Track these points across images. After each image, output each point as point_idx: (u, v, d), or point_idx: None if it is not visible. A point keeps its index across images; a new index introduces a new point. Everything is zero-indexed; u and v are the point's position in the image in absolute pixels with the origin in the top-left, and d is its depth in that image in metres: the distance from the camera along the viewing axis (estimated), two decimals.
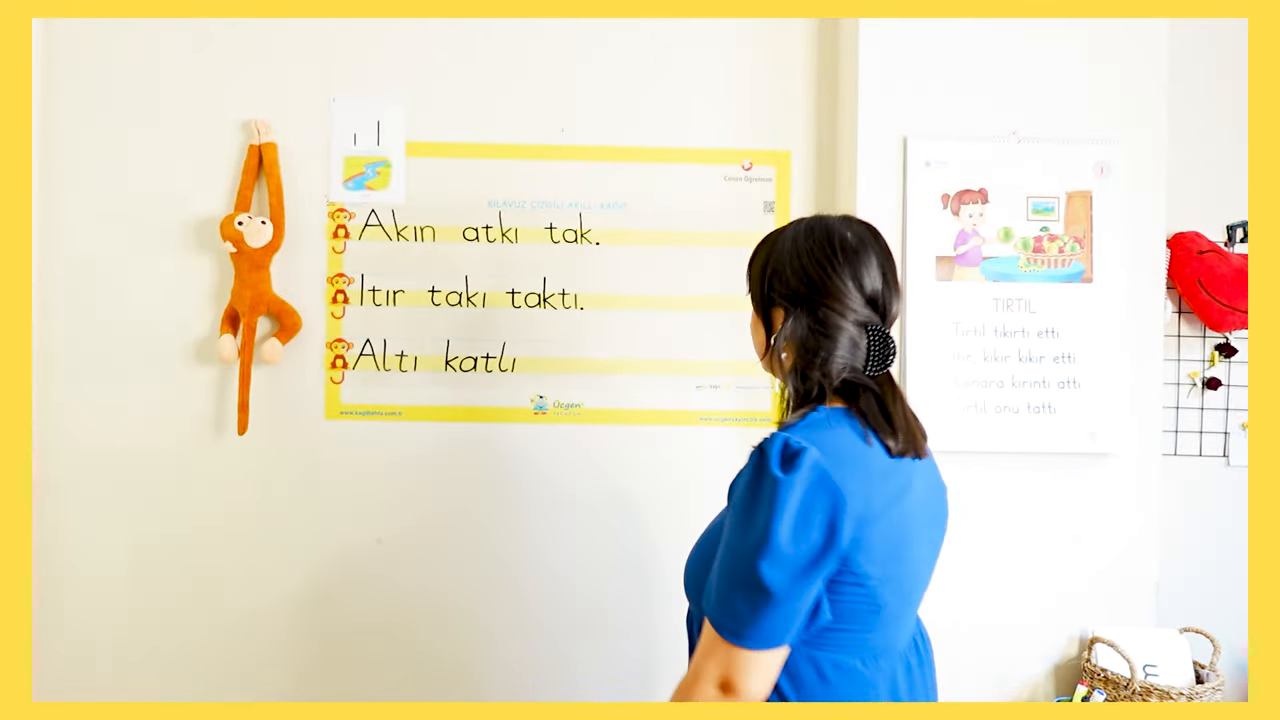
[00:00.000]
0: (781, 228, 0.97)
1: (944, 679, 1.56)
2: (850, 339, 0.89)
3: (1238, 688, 1.72)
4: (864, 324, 0.89)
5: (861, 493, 0.82)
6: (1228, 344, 1.76)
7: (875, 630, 0.87)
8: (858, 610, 0.85)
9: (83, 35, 1.66)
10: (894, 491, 0.86)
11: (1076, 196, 1.57)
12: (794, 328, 0.90)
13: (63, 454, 1.66)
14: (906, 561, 0.89)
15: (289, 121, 1.67)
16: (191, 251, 1.67)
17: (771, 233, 0.98)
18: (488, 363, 1.70)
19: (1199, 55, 1.71)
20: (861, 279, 0.90)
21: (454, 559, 1.69)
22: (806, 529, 0.80)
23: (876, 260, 0.92)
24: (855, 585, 0.83)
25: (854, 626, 0.85)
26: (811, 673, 0.85)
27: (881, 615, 0.86)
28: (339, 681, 1.68)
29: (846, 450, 0.84)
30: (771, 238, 0.97)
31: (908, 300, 1.56)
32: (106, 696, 1.66)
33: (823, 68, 1.72)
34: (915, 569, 0.91)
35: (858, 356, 0.89)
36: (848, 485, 0.81)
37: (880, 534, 0.84)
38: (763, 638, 0.81)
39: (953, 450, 1.56)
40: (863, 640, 0.86)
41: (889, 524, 0.85)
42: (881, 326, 0.91)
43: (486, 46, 1.69)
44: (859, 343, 0.89)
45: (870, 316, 0.90)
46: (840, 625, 0.85)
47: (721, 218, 1.70)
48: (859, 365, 0.89)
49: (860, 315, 0.89)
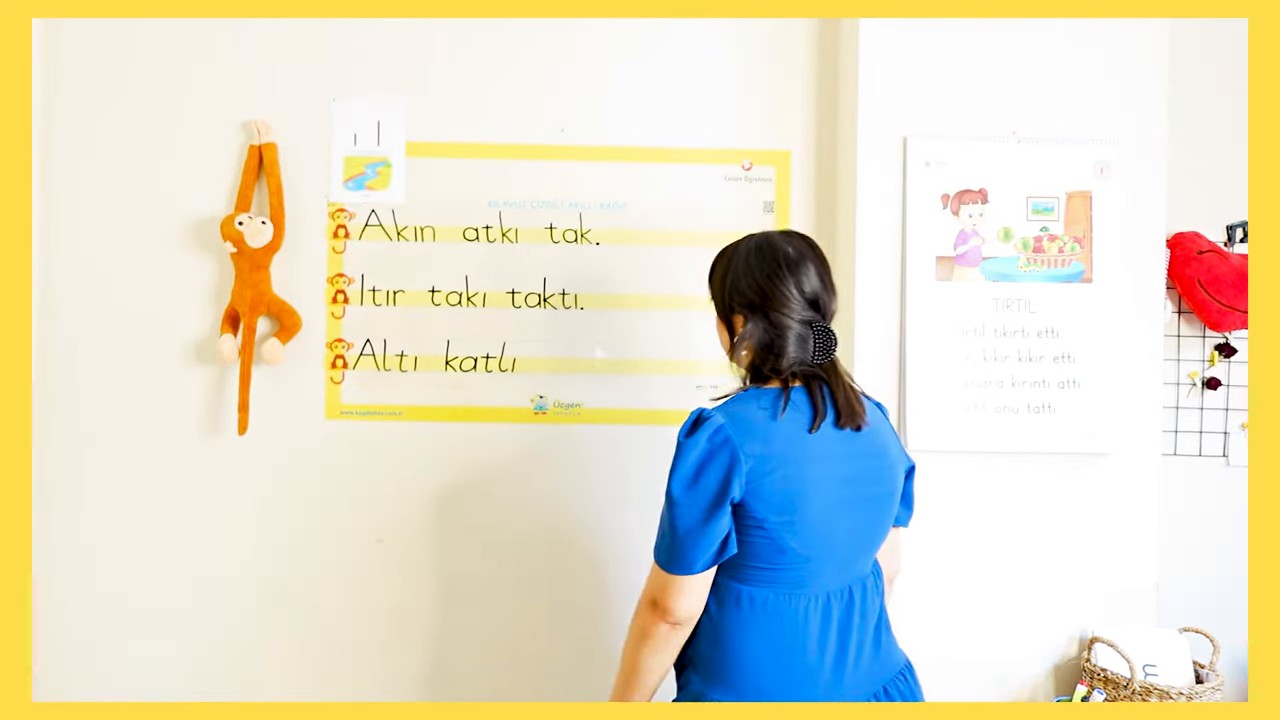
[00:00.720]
0: (735, 245, 1.16)
1: (944, 679, 1.57)
2: (798, 336, 1.08)
3: (1238, 688, 1.72)
4: (808, 323, 1.08)
5: (758, 452, 1.01)
6: (1227, 344, 1.76)
7: (786, 569, 1.04)
8: (762, 549, 1.03)
9: (83, 35, 1.66)
10: (795, 453, 1.03)
11: (1076, 196, 1.57)
12: (752, 331, 1.09)
13: (63, 453, 1.66)
14: (806, 510, 1.03)
15: (289, 121, 1.67)
16: (192, 251, 1.67)
17: (726, 250, 1.17)
18: (488, 363, 1.70)
19: (1199, 55, 1.71)
20: (803, 286, 1.09)
21: (454, 559, 1.69)
22: (701, 479, 1.01)
23: (815, 268, 1.11)
24: (757, 528, 1.02)
25: (763, 564, 1.04)
26: (732, 600, 1.06)
27: (788, 556, 1.03)
28: (339, 681, 1.68)
29: (751, 418, 1.04)
30: (727, 255, 1.16)
31: (908, 300, 1.56)
32: (106, 696, 1.66)
33: (823, 68, 1.72)
34: (828, 520, 1.05)
35: (806, 350, 1.08)
36: (744, 445, 1.01)
37: (774, 486, 1.01)
38: (677, 565, 1.02)
39: (953, 450, 1.56)
40: (776, 576, 1.04)
41: (785, 479, 1.01)
42: (823, 323, 1.10)
43: (487, 47, 1.69)
44: (806, 339, 1.08)
45: (813, 316, 1.09)
46: (750, 562, 1.04)
47: (721, 218, 1.70)
48: (807, 358, 1.08)
49: (805, 315, 1.08)
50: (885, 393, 1.57)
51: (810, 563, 1.05)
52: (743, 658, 1.05)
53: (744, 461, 1.00)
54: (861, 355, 1.57)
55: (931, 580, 1.57)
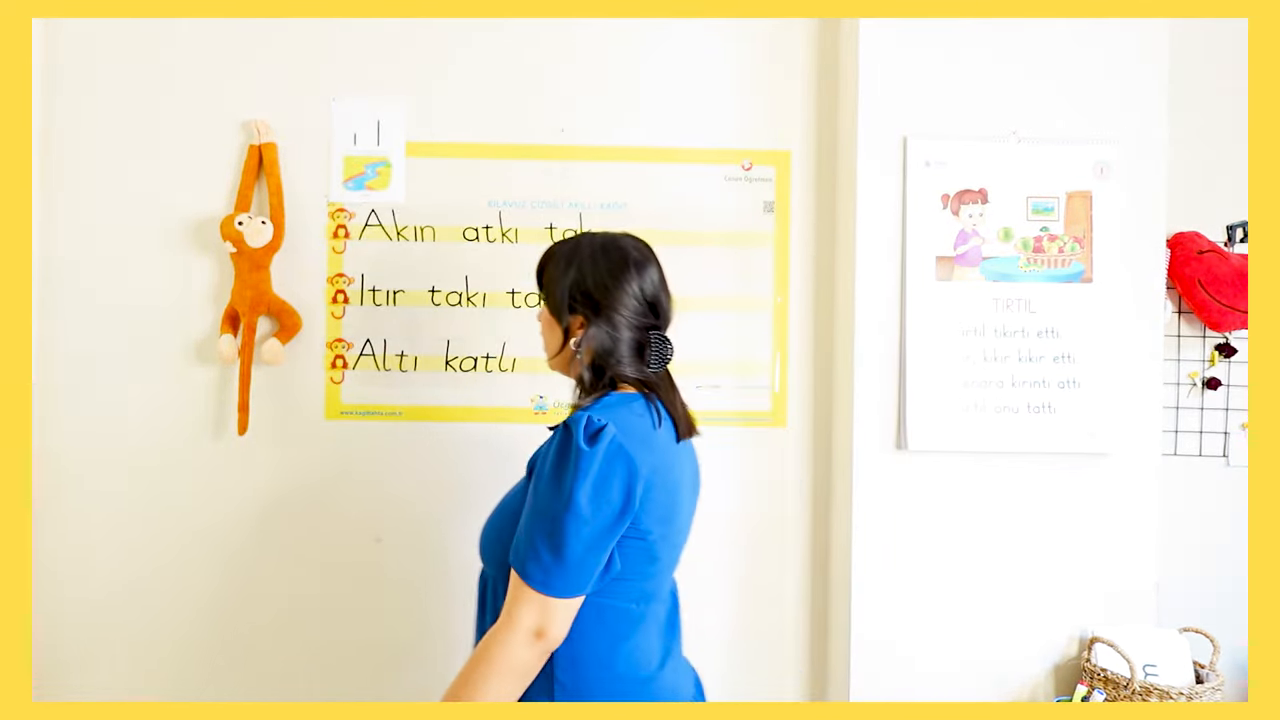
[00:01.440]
0: (574, 241, 1.11)
1: (944, 679, 1.57)
2: (637, 342, 1.06)
3: (1238, 688, 1.72)
4: (647, 328, 1.07)
5: (648, 462, 0.98)
6: (1228, 344, 1.76)
7: (651, 579, 1.04)
8: (638, 561, 1.01)
9: (83, 35, 1.66)
10: (669, 463, 1.03)
11: (1076, 196, 1.57)
12: (594, 334, 1.05)
13: (63, 454, 1.66)
14: (675, 521, 1.06)
15: (289, 121, 1.67)
16: (191, 251, 1.67)
17: (563, 245, 1.12)
18: (488, 363, 1.70)
19: (1199, 55, 1.71)
20: (645, 288, 1.07)
21: (454, 559, 1.69)
22: (606, 493, 0.94)
23: (657, 272, 1.10)
24: (638, 540, 0.99)
25: (634, 575, 1.01)
26: (591, 613, 0.99)
27: (657, 565, 1.03)
28: (339, 681, 1.68)
29: (636, 427, 1.00)
30: (566, 251, 1.10)
31: (907, 300, 1.56)
32: (106, 696, 1.66)
33: (823, 68, 1.72)
34: (681, 527, 1.09)
35: (644, 357, 1.06)
36: (638, 456, 0.97)
37: (657, 498, 1.00)
38: (569, 587, 0.94)
39: (953, 450, 1.56)
40: (639, 588, 1.02)
41: (664, 490, 1.01)
42: (660, 330, 1.08)
43: (486, 47, 1.69)
44: (644, 345, 1.06)
45: (653, 321, 1.08)
46: (624, 575, 1.00)
47: (721, 218, 1.70)
48: (644, 363, 1.06)
49: (645, 321, 1.07)
50: (885, 393, 1.57)
51: (668, 570, 1.08)
52: (604, 675, 1.00)
53: (640, 473, 0.96)
54: (861, 355, 1.57)
55: (931, 580, 1.57)
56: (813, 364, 1.72)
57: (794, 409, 1.72)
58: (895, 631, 1.57)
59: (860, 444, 1.57)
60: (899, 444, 1.57)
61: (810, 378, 1.72)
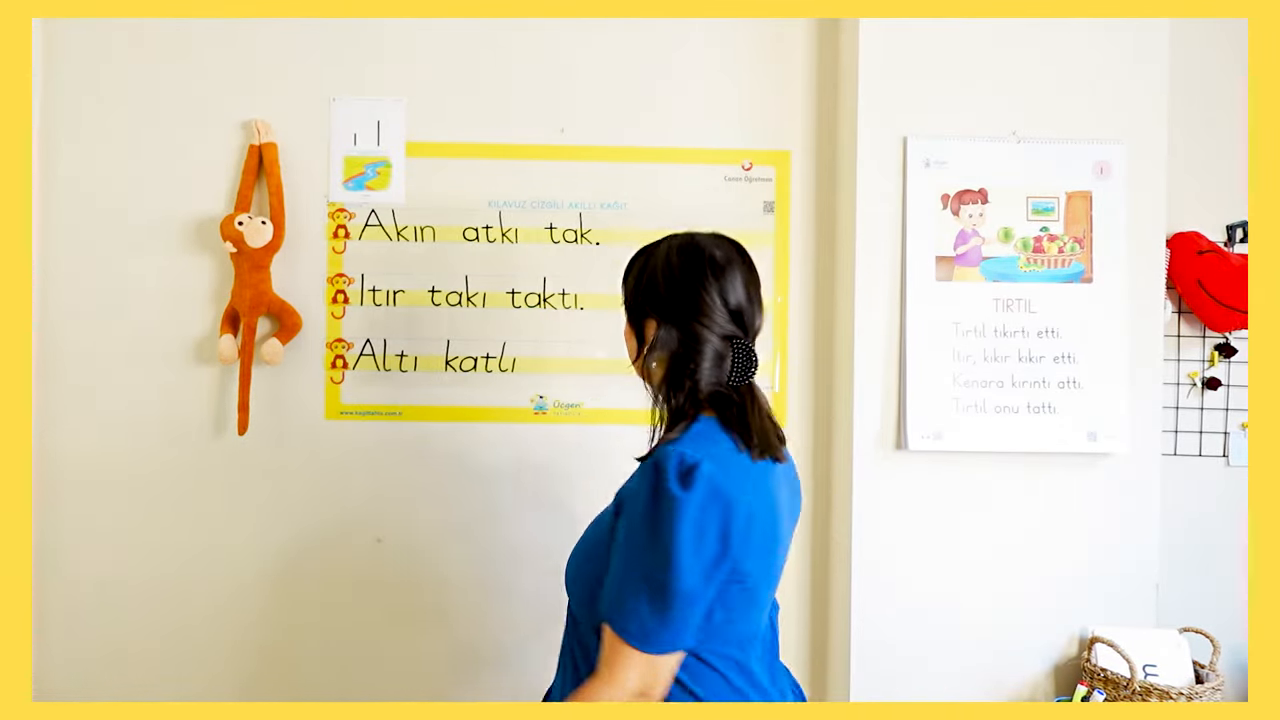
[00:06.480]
0: (655, 244, 1.03)
1: (944, 678, 1.57)
2: (716, 352, 0.95)
3: (1238, 688, 1.72)
4: (729, 338, 0.96)
5: (745, 498, 0.89)
6: (1227, 344, 1.76)
7: (752, 622, 0.95)
8: (739, 607, 0.92)
9: (83, 35, 1.66)
10: (765, 493, 0.93)
11: (1076, 196, 1.57)
12: (665, 340, 0.97)
13: (63, 454, 1.66)
14: (775, 555, 0.96)
15: (289, 121, 1.67)
16: (191, 251, 1.67)
17: (645, 248, 1.04)
18: (488, 363, 1.70)
19: (1199, 55, 1.71)
20: (727, 295, 0.97)
21: (454, 559, 1.69)
22: (705, 541, 0.85)
23: (742, 277, 0.99)
24: (738, 584, 0.90)
25: (735, 618, 0.92)
26: (696, 662, 0.91)
27: (757, 606, 0.95)
28: (339, 681, 1.68)
29: (731, 460, 0.91)
30: (645, 253, 1.03)
31: (908, 300, 1.56)
32: (106, 696, 1.66)
33: (823, 68, 1.72)
34: (780, 561, 0.99)
35: (723, 369, 0.95)
36: (735, 493, 0.87)
37: (758, 534, 0.91)
38: (671, 643, 0.87)
39: (952, 450, 1.56)
40: (741, 631, 0.94)
41: (763, 524, 0.92)
42: (745, 340, 0.97)
43: (486, 47, 1.69)
44: (724, 355, 0.95)
45: (735, 330, 0.97)
46: (727, 621, 0.91)
47: (721, 218, 1.70)
48: (724, 378, 0.95)
49: (725, 329, 0.96)
50: (885, 393, 1.57)
51: (765, 607, 0.97)
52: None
53: (738, 511, 0.87)
54: (861, 355, 1.57)
55: (931, 580, 1.57)
56: (813, 364, 1.72)
57: (794, 409, 1.72)
58: (895, 632, 1.57)
59: (860, 444, 1.57)
60: (899, 444, 1.57)
61: (810, 378, 1.72)
